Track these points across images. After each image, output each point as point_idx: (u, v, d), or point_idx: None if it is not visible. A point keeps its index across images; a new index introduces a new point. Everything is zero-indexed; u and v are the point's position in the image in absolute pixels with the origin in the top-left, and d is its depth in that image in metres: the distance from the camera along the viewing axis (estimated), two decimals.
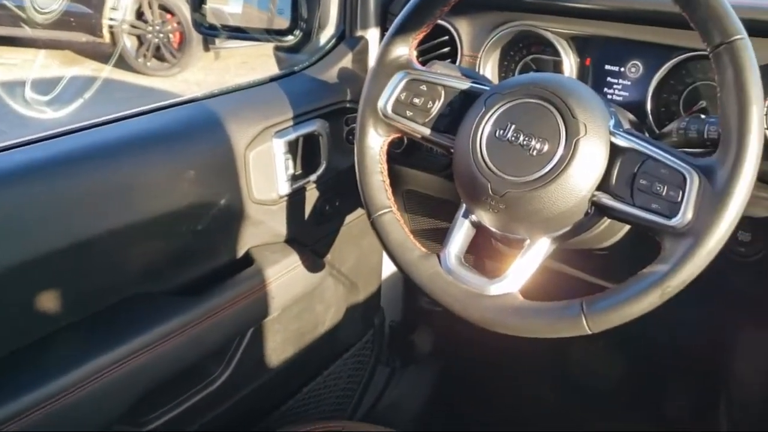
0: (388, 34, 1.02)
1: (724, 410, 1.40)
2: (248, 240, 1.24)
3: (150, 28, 5.91)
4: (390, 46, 1.01)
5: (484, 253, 1.35)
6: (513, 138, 0.87)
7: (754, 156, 0.74)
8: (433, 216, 1.53)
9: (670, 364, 1.66)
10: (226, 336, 1.23)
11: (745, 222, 0.99)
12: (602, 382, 1.74)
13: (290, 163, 1.24)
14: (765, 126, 0.94)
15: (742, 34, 0.75)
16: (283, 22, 1.52)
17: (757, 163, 0.74)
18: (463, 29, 1.26)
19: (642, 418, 1.65)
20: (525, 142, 0.86)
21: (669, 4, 0.81)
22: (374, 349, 1.76)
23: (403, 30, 1.00)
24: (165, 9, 5.87)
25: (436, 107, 0.98)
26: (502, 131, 0.88)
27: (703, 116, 0.94)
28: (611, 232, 1.03)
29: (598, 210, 0.85)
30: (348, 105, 1.33)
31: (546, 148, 0.85)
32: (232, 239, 1.21)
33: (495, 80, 1.25)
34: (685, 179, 0.77)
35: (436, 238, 1.51)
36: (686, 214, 0.76)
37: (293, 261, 1.30)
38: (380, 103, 1.01)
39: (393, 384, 1.87)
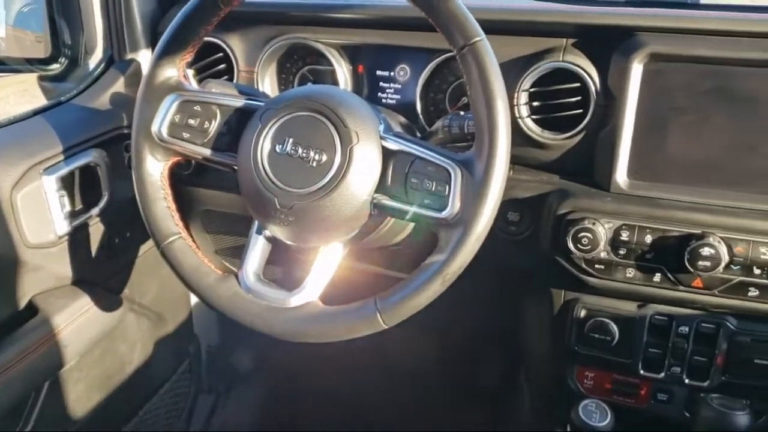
0: (153, 56, 0.98)
1: (524, 382, 1.54)
2: (29, 288, 1.13)
3: None
4: (157, 69, 0.98)
5: (290, 264, 1.36)
6: (293, 151, 0.89)
7: (504, 146, 0.81)
8: (235, 233, 1.51)
9: (479, 343, 1.79)
10: (18, 393, 1.12)
11: (513, 203, 1.10)
12: (422, 364, 1.84)
13: (66, 199, 1.15)
14: (522, 115, 1.06)
15: (480, 36, 0.82)
16: (44, 50, 1.41)
17: (507, 152, 0.82)
18: (236, 45, 1.26)
19: (458, 395, 1.77)
20: (304, 155, 0.88)
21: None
22: (193, 378, 1.70)
23: (168, 52, 0.97)
24: None
25: (214, 127, 0.97)
26: (281, 146, 0.89)
27: (462, 113, 1.01)
28: (399, 229, 1.09)
29: (380, 211, 0.89)
30: (126, 131, 1.27)
31: (324, 158, 0.87)
32: (10, 290, 1.10)
33: (275, 94, 1.26)
34: (449, 174, 0.83)
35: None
36: (454, 206, 0.82)
37: (84, 303, 1.21)
38: (154, 128, 0.98)
39: (219, 410, 1.82)
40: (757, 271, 0.98)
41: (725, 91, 0.98)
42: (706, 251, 0.97)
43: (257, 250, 0.97)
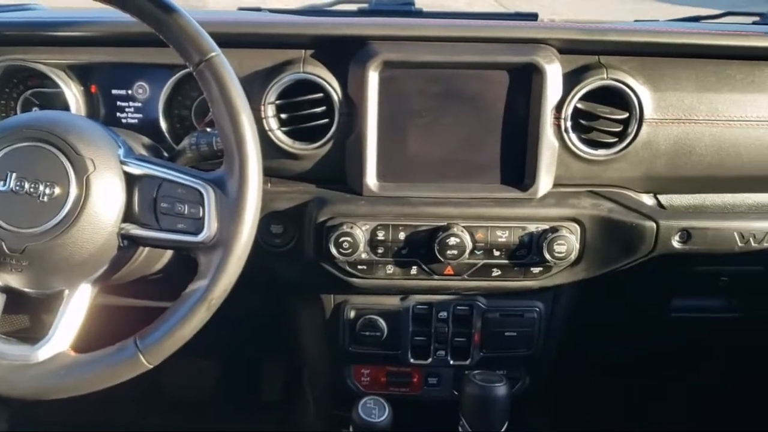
0: None
1: (307, 387, 1.55)
2: None
3: None
4: None
5: (37, 310, 1.22)
6: (18, 187, 0.79)
7: (255, 161, 0.80)
8: None
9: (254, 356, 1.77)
10: None
11: (275, 216, 1.10)
12: (202, 388, 1.77)
13: None
14: (271, 128, 1.06)
15: (216, 51, 0.80)
16: None
17: (259, 166, 0.81)
18: None
19: (242, 412, 1.73)
20: (32, 190, 0.79)
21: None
22: None
23: None
24: None
25: None
26: (2, 183, 0.79)
27: (209, 129, 0.99)
28: (156, 256, 1.03)
29: (130, 242, 0.83)
30: None
31: (57, 191, 0.79)
32: None
33: None
34: (202, 195, 0.80)
35: None
36: (211, 227, 0.80)
37: None
38: None
39: None
40: (496, 253, 1.09)
41: (452, 93, 1.07)
42: (452, 241, 1.05)
43: None
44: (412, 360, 1.20)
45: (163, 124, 1.11)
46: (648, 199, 1.16)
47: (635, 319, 1.41)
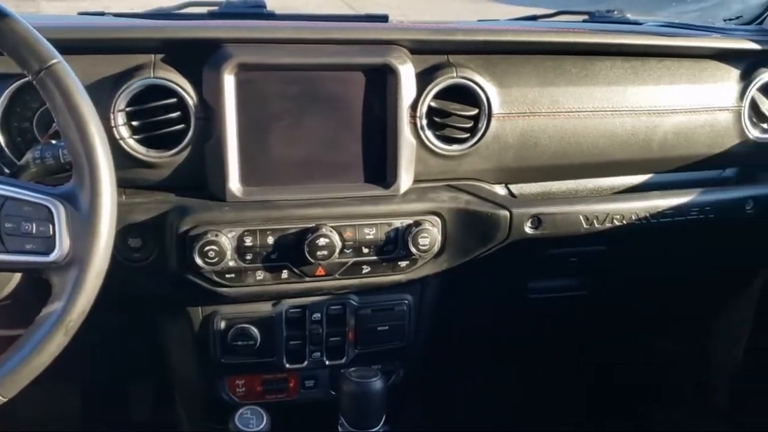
0: None
1: (180, 405, 1.49)
2: None
3: None
4: None
5: None
6: None
7: (106, 171, 0.76)
8: None
9: (125, 378, 1.69)
10: None
11: (133, 228, 1.05)
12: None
13: None
14: (123, 136, 1.01)
15: (57, 58, 0.76)
16: None
17: (112, 177, 0.77)
18: None
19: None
20: None
21: None
22: None
23: None
24: None
25: None
26: None
27: (54, 141, 0.92)
28: (4, 280, 0.95)
29: None
30: None
31: None
32: None
33: None
34: (51, 211, 0.75)
35: None
36: (63, 245, 0.75)
37: None
38: None
39: None
40: (365, 250, 1.10)
41: (311, 94, 1.08)
42: (321, 241, 1.05)
43: None
44: (287, 365, 1.19)
45: (0, 138, 1.02)
46: (500, 190, 1.23)
47: (497, 303, 1.49)
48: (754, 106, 1.31)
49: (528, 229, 1.19)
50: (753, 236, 1.40)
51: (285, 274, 1.09)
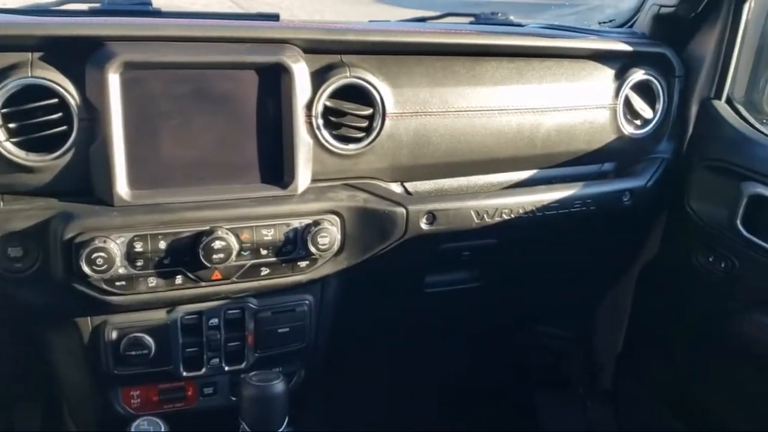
0: None
1: (70, 421, 1.41)
2: None
3: None
4: None
5: None
6: None
7: None
8: None
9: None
10: None
11: (12, 237, 0.98)
12: None
13: None
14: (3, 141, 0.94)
15: None
16: None
17: None
18: None
19: None
20: None
21: None
22: None
23: None
24: None
25: None
26: None
27: None
28: None
29: None
30: None
31: None
32: None
33: None
34: None
35: None
36: None
37: None
38: None
39: None
40: (264, 252, 1.09)
41: (202, 93, 1.05)
42: (217, 244, 1.03)
43: None
44: (184, 373, 1.15)
45: None
46: (396, 188, 1.26)
47: (396, 299, 1.51)
48: (628, 104, 1.40)
49: (423, 225, 1.22)
50: (629, 225, 1.50)
51: (179, 279, 1.06)
